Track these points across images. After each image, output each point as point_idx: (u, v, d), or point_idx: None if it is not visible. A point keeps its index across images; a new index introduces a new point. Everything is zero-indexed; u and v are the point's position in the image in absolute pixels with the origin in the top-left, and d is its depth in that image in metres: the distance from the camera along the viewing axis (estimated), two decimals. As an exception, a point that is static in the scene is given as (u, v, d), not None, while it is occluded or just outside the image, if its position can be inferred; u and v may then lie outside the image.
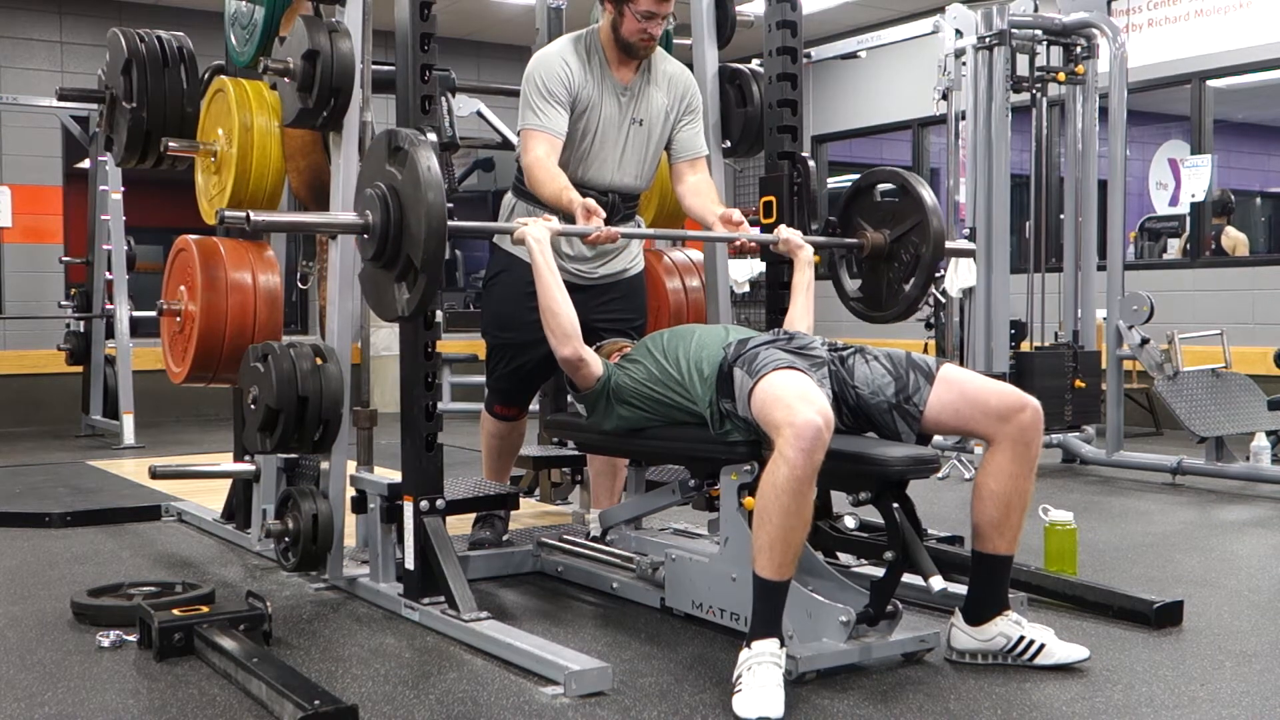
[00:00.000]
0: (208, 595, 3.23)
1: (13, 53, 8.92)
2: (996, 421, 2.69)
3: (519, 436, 3.96)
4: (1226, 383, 5.77)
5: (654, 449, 3.25)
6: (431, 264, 2.75)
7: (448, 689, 2.64)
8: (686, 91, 3.71)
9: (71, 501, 5.04)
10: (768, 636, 2.52)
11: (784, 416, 2.51)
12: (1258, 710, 2.49)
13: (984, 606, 2.76)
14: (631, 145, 3.62)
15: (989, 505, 2.71)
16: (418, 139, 2.81)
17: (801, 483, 2.46)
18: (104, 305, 7.94)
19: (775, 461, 2.49)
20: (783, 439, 2.49)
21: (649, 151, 3.67)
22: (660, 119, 3.65)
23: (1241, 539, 4.49)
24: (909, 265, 3.42)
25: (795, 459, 2.45)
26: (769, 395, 2.61)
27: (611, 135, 3.59)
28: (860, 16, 9.45)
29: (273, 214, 3.34)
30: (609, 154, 3.60)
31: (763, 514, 2.51)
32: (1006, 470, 2.69)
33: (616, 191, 3.62)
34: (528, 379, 3.80)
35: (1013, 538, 2.73)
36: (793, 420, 2.48)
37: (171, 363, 3.97)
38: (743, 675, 2.48)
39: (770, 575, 2.52)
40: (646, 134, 3.64)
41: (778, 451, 2.49)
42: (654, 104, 3.63)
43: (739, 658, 2.52)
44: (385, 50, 3.37)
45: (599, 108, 3.56)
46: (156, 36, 3.99)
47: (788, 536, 2.49)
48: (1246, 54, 7.72)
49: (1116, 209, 6.08)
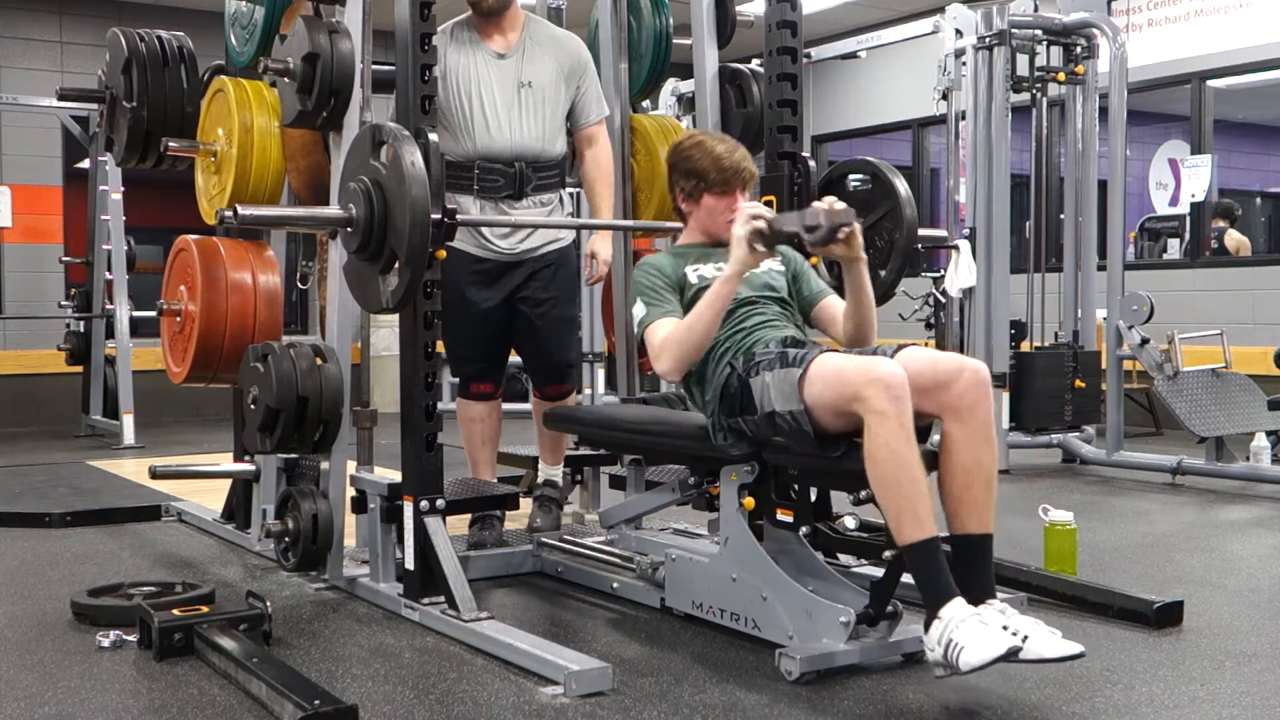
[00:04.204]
0: (208, 595, 3.23)
1: (13, 53, 8.92)
2: (938, 393, 2.58)
3: (497, 422, 3.99)
4: (1226, 383, 5.77)
5: (656, 445, 3.26)
6: (415, 257, 2.79)
7: (448, 689, 2.64)
8: (572, 54, 3.82)
9: (71, 501, 5.04)
10: (948, 600, 2.43)
11: (863, 376, 2.48)
12: (1258, 710, 2.49)
13: (968, 595, 2.58)
14: (526, 109, 3.72)
15: (947, 481, 2.60)
16: (401, 134, 2.85)
17: (908, 430, 2.44)
18: (104, 305, 7.94)
19: (875, 423, 2.44)
20: (871, 397, 2.44)
21: (547, 113, 3.76)
22: (551, 80, 3.76)
23: (1241, 539, 4.49)
24: (884, 252, 3.47)
25: (892, 409, 2.42)
26: (830, 369, 2.56)
27: (499, 99, 3.70)
28: (860, 16, 9.45)
29: (259, 208, 3.34)
30: (503, 118, 3.70)
31: (885, 480, 2.45)
32: (957, 441, 2.58)
33: (522, 159, 3.71)
34: (490, 349, 3.88)
35: (981, 514, 2.59)
36: (875, 375, 2.46)
37: (171, 363, 3.97)
38: (952, 638, 2.37)
39: (920, 536, 2.44)
40: (539, 96, 3.74)
41: (872, 412, 2.44)
42: (542, 66, 3.75)
43: (930, 638, 2.42)
44: (385, 50, 3.37)
45: (473, 75, 3.70)
46: (156, 36, 3.99)
47: (918, 490, 2.44)
48: (1246, 54, 7.72)
49: (1116, 209, 6.08)
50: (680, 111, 6.72)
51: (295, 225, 3.65)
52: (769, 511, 2.91)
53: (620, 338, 4.34)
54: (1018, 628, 2.50)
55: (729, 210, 2.99)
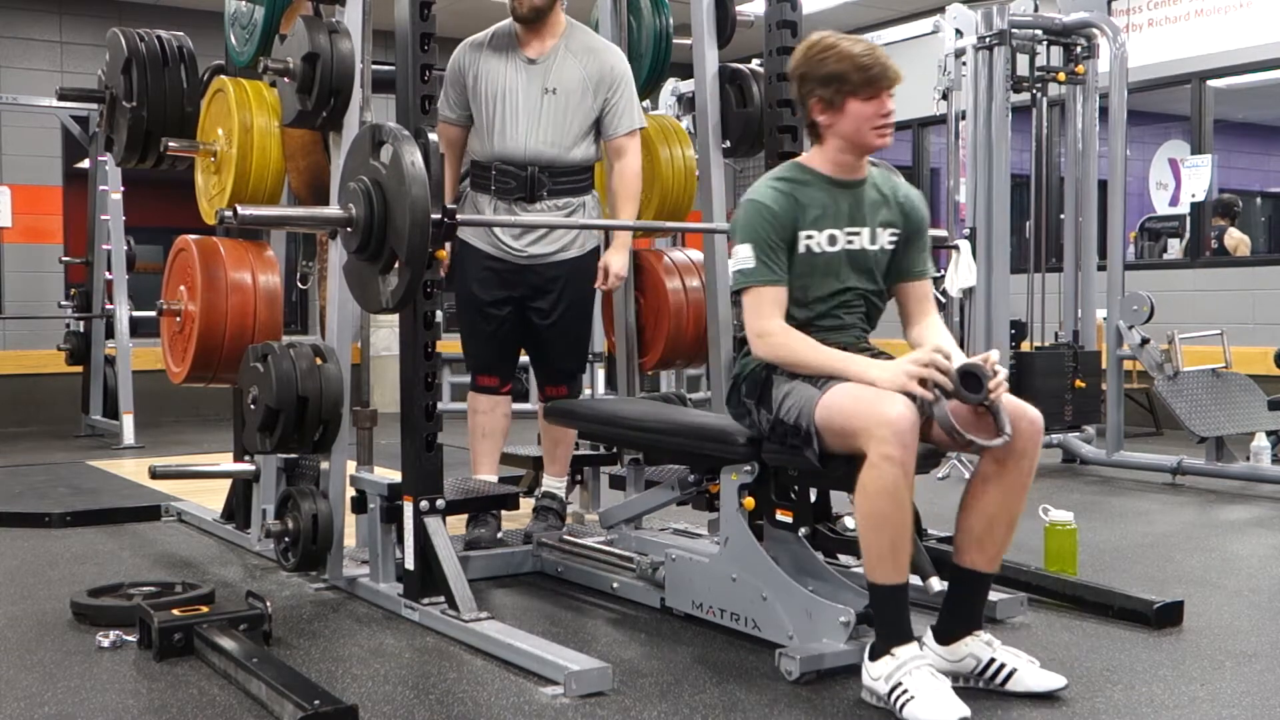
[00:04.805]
0: (208, 595, 3.23)
1: (13, 53, 8.91)
2: None
3: (502, 418, 3.97)
4: (1226, 383, 5.77)
5: (655, 442, 3.25)
6: (415, 257, 2.79)
7: (448, 689, 2.64)
8: (604, 64, 3.81)
9: (71, 501, 5.04)
10: (905, 642, 2.46)
11: (875, 417, 2.43)
12: (1258, 710, 2.49)
13: (955, 624, 2.63)
14: (546, 114, 3.74)
15: (972, 517, 2.59)
16: (401, 134, 2.85)
17: (909, 476, 2.42)
18: (104, 305, 7.94)
19: (878, 465, 2.40)
20: (880, 440, 2.40)
21: (568, 120, 3.76)
22: (578, 88, 3.77)
23: (1241, 539, 4.49)
24: None
25: (898, 454, 2.39)
26: (847, 399, 2.51)
27: (522, 105, 3.73)
28: (860, 16, 9.45)
29: (259, 208, 3.35)
30: (521, 124, 3.73)
31: (877, 520, 2.44)
32: (993, 484, 2.56)
33: (535, 164, 3.73)
34: (494, 345, 3.89)
35: (994, 555, 2.60)
36: (887, 419, 2.40)
37: (171, 363, 3.97)
38: (902, 683, 2.40)
39: (894, 581, 2.45)
40: (563, 103, 3.75)
41: (878, 454, 2.40)
42: (568, 74, 3.76)
43: (876, 668, 2.46)
44: (385, 50, 3.37)
45: (501, 79, 3.75)
46: (156, 36, 3.99)
47: (903, 536, 2.43)
48: (1246, 54, 7.71)
49: (1116, 209, 6.08)
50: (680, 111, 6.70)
51: (295, 225, 3.65)
52: (769, 511, 2.91)
53: (620, 338, 4.34)
54: (1004, 660, 2.57)
55: (878, 116, 2.72)
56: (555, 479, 4.02)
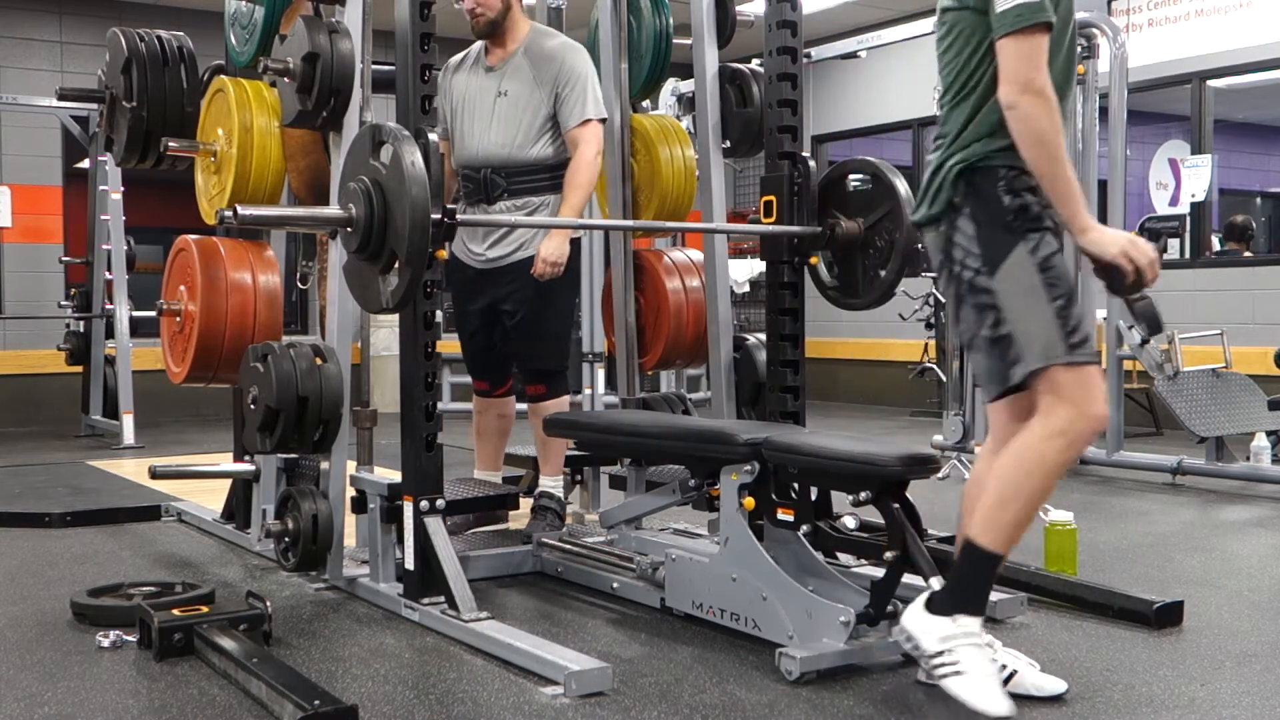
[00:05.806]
0: (208, 595, 3.23)
1: (13, 53, 8.91)
2: None
3: (496, 418, 4.11)
4: (1226, 383, 5.77)
5: (655, 448, 3.26)
6: (415, 257, 2.79)
7: (448, 689, 2.64)
8: (554, 60, 3.85)
9: (71, 501, 5.04)
10: (975, 613, 2.40)
11: (1087, 399, 2.33)
12: (1258, 710, 2.49)
13: None
14: (498, 116, 3.84)
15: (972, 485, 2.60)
16: (401, 134, 2.85)
17: (1068, 466, 2.39)
18: (104, 305, 7.94)
19: (1056, 437, 2.31)
20: (1080, 421, 2.31)
21: (518, 119, 3.83)
22: (527, 87, 3.83)
23: (1241, 539, 4.49)
24: (884, 251, 3.48)
25: (1079, 444, 2.34)
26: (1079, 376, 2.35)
27: (478, 110, 3.86)
28: (860, 16, 9.44)
29: (259, 208, 3.35)
30: (477, 128, 3.85)
31: (1026, 490, 2.34)
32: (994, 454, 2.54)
33: (488, 165, 3.82)
34: (476, 349, 4.05)
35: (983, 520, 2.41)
36: (1094, 411, 2.33)
37: (171, 363, 3.97)
38: (954, 650, 2.34)
39: (1000, 548, 2.38)
40: (513, 103, 3.83)
41: (1067, 428, 2.31)
42: (521, 75, 3.84)
43: (932, 623, 2.39)
44: (385, 50, 3.37)
45: (463, 89, 3.91)
46: (156, 36, 3.99)
47: (1031, 512, 2.38)
48: (1246, 54, 7.71)
49: (1116, 209, 6.07)
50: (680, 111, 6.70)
51: (295, 225, 3.65)
52: (769, 511, 2.91)
53: (620, 338, 4.34)
54: (1004, 661, 2.56)
55: None
56: (551, 479, 4.03)
